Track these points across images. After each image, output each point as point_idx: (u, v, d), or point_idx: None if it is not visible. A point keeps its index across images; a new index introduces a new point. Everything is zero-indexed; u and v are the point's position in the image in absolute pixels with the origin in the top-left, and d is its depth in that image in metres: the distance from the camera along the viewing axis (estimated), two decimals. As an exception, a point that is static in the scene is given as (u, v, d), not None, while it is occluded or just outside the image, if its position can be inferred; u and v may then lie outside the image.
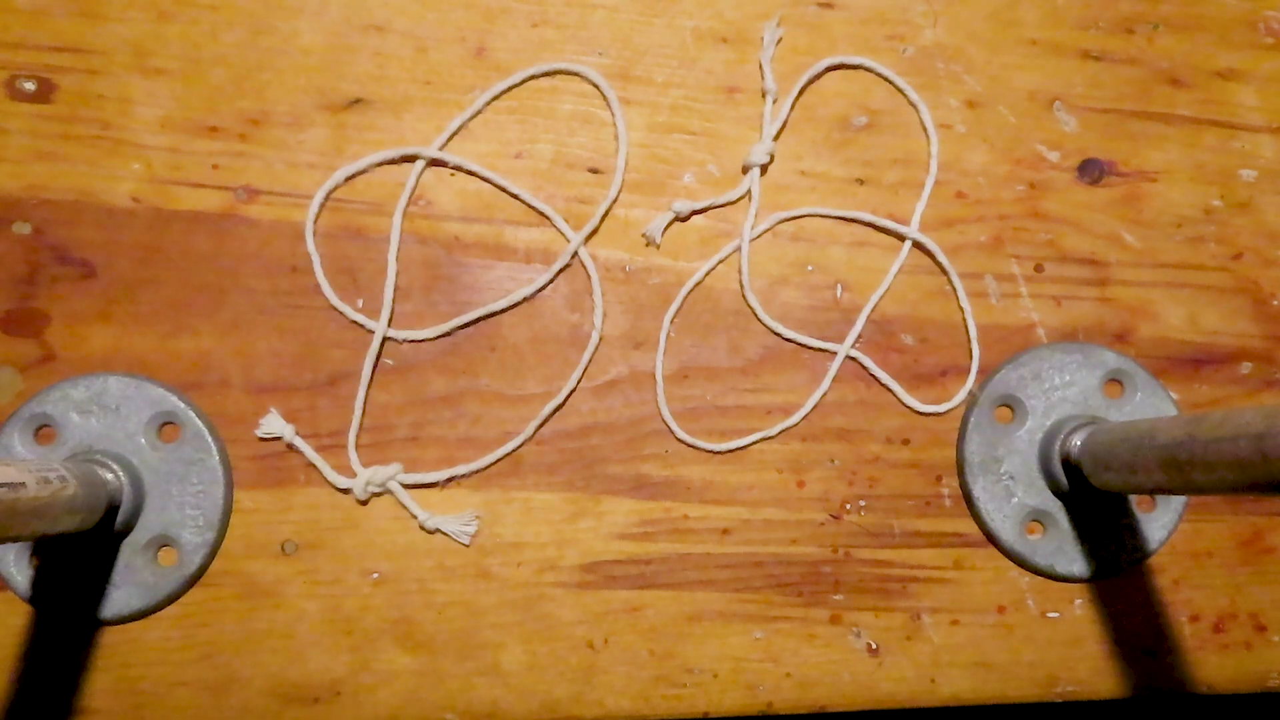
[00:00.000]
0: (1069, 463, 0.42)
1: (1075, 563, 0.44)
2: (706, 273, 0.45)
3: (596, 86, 0.45)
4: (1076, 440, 0.42)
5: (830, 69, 0.46)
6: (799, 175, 0.45)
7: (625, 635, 0.42)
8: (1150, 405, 0.45)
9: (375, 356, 0.43)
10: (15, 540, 0.34)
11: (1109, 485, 0.40)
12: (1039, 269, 0.46)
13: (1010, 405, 0.44)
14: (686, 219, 0.45)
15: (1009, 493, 0.44)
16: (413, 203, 0.44)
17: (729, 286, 0.45)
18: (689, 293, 0.44)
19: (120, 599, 0.41)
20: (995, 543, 0.44)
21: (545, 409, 0.43)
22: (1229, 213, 0.47)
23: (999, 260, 0.45)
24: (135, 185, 0.43)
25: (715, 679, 0.43)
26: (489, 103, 0.44)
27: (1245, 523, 0.45)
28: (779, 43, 0.46)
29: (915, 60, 0.46)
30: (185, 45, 0.43)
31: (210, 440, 0.41)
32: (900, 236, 0.45)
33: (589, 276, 0.44)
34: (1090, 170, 0.46)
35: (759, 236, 0.45)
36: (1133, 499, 0.44)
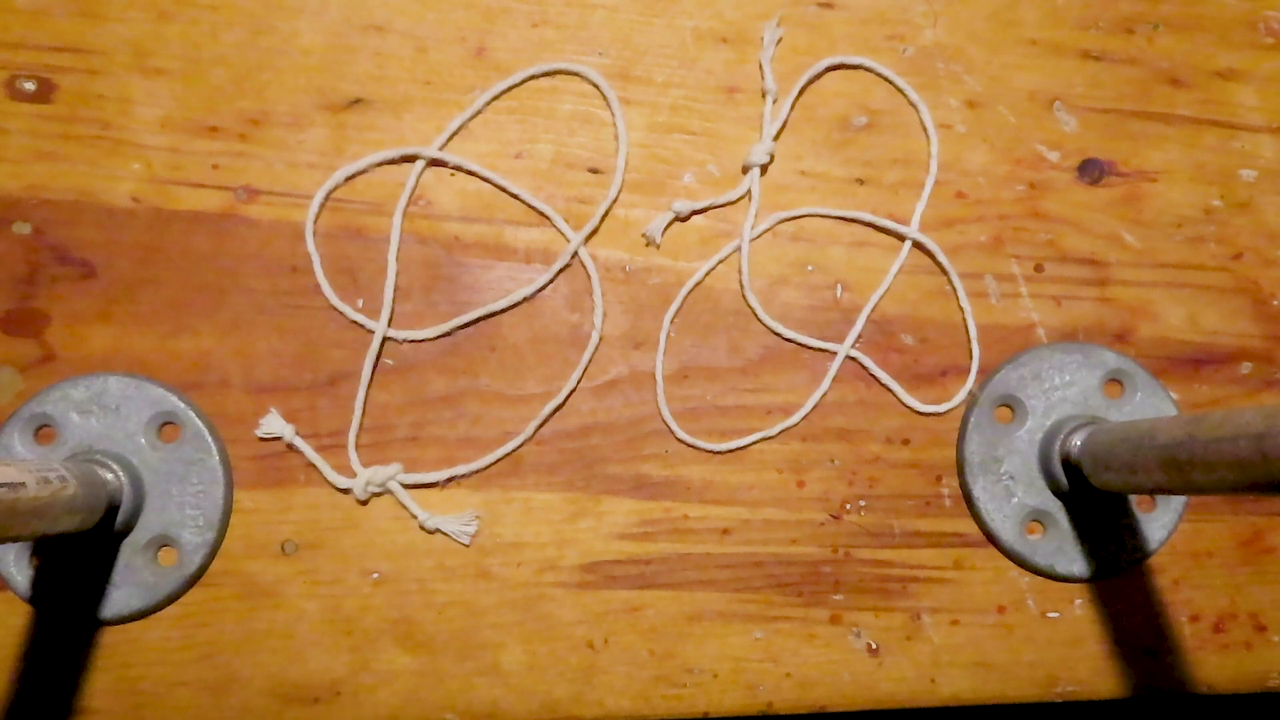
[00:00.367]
0: (1069, 463, 0.42)
1: (1075, 563, 0.44)
2: (706, 273, 0.45)
3: (596, 86, 0.45)
4: (1076, 440, 0.42)
5: (830, 69, 0.46)
6: (799, 175, 0.45)
7: (625, 635, 0.42)
8: (1150, 405, 0.45)
9: (375, 356, 0.43)
10: (15, 540, 0.34)
11: (1109, 485, 0.40)
12: (1039, 269, 0.46)
13: (1010, 405, 0.44)
14: (686, 219, 0.45)
15: (1009, 493, 0.44)
16: (413, 203, 0.44)
17: (729, 286, 0.45)
18: (689, 293, 0.44)
19: (120, 599, 0.41)
20: (995, 543, 0.44)
21: (545, 409, 0.43)
22: (1229, 213, 0.47)
23: (999, 260, 0.45)
24: (135, 185, 0.43)
25: (715, 679, 0.43)
26: (489, 103, 0.44)
27: (1245, 523, 0.45)
28: (779, 43, 0.46)
29: (915, 60, 0.46)
30: (185, 45, 0.43)
31: (210, 440, 0.41)
32: (900, 236, 0.45)
33: (589, 276, 0.44)
34: (1090, 170, 0.46)
35: (759, 236, 0.45)
36: (1133, 499, 0.44)
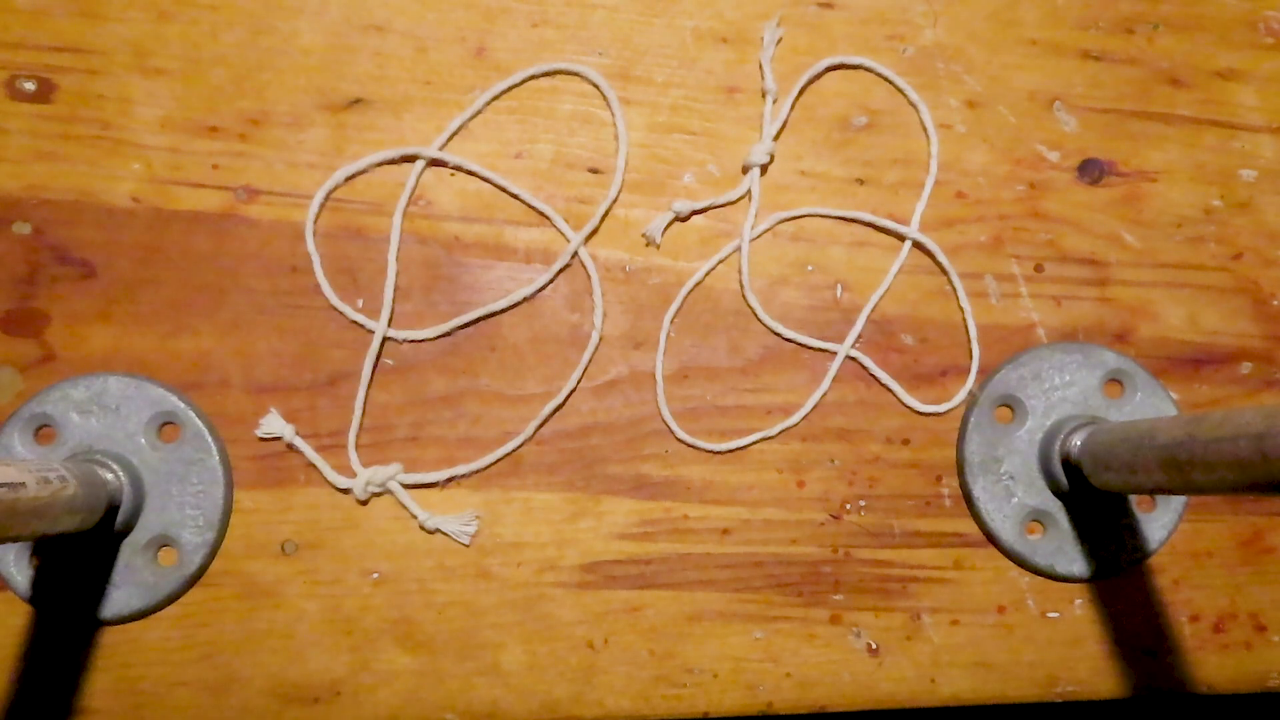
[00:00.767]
0: (1069, 463, 0.42)
1: (1075, 563, 0.44)
2: (706, 273, 0.45)
3: (596, 86, 0.45)
4: (1076, 440, 0.42)
5: (830, 69, 0.46)
6: (799, 175, 0.45)
7: (625, 635, 0.42)
8: (1150, 405, 0.45)
9: (375, 356, 0.43)
10: (15, 540, 0.34)
11: (1109, 485, 0.40)
12: (1039, 269, 0.45)
13: (1010, 405, 0.44)
14: (686, 219, 0.45)
15: (1009, 493, 0.44)
16: (413, 203, 0.44)
17: (729, 286, 0.45)
18: (689, 293, 0.44)
19: (120, 599, 0.41)
20: (995, 543, 0.44)
21: (545, 409, 0.43)
22: (1229, 213, 0.47)
23: (999, 260, 0.45)
24: (135, 185, 0.43)
25: (715, 679, 0.43)
26: (489, 103, 0.44)
27: (1245, 523, 0.45)
28: (779, 43, 0.46)
29: (915, 60, 0.46)
30: (185, 45, 0.43)
31: (210, 440, 0.41)
32: (900, 236, 0.45)
33: (589, 276, 0.44)
34: (1090, 170, 0.46)
35: (759, 236, 0.45)
36: (1133, 499, 0.44)
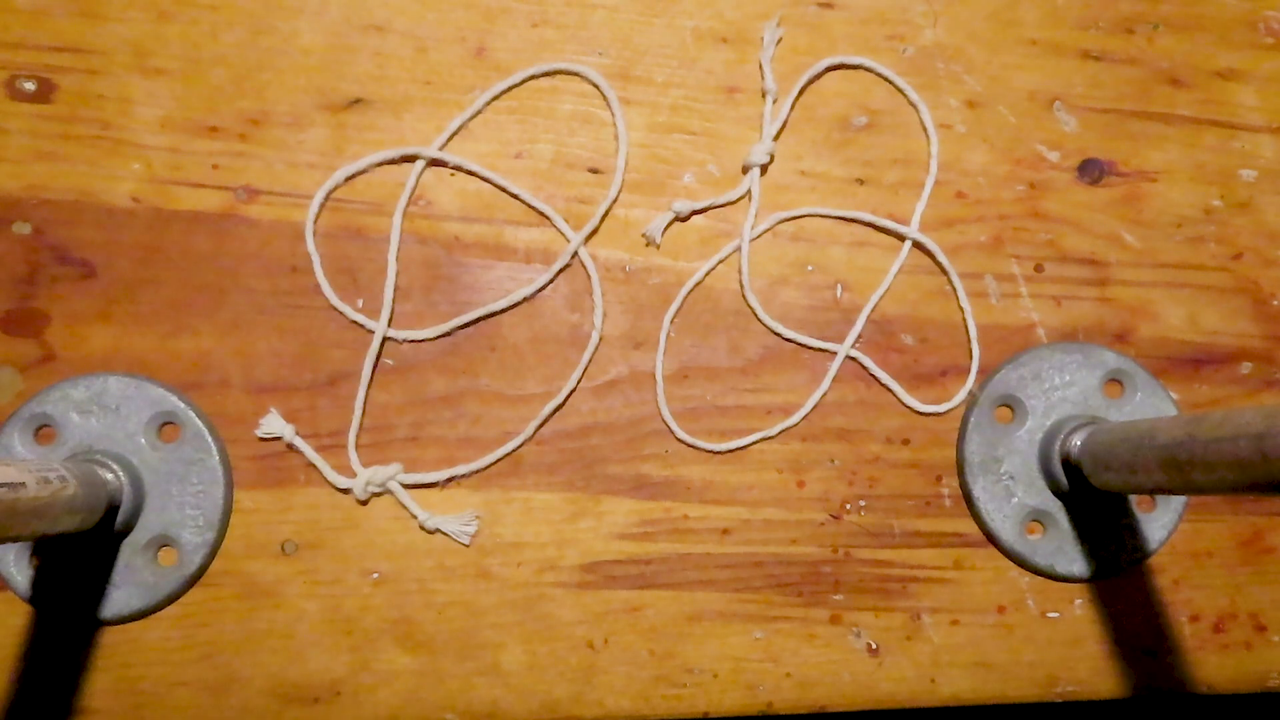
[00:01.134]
0: (1069, 463, 0.42)
1: (1075, 563, 0.44)
2: (706, 273, 0.45)
3: (596, 86, 0.45)
4: (1076, 440, 0.42)
5: (830, 69, 0.46)
6: (799, 175, 0.45)
7: (625, 635, 0.42)
8: (1150, 405, 0.45)
9: (375, 356, 0.43)
10: (15, 540, 0.34)
11: (1109, 485, 0.40)
12: (1039, 269, 0.45)
13: (1010, 405, 0.44)
14: (686, 219, 0.45)
15: (1009, 493, 0.44)
16: (413, 203, 0.44)
17: (729, 286, 0.45)
18: (689, 293, 0.44)
19: (120, 599, 0.41)
20: (995, 543, 0.44)
21: (545, 409, 0.43)
22: (1229, 213, 0.47)
23: (999, 260, 0.45)
24: (135, 185, 0.43)
25: (715, 679, 0.43)
26: (489, 103, 0.44)
27: (1245, 523, 0.45)
28: (779, 43, 0.46)
29: (915, 60, 0.46)
30: (185, 45, 0.43)
31: (210, 440, 0.41)
32: (900, 236, 0.45)
33: (589, 276, 0.44)
34: (1090, 170, 0.46)
35: (759, 236, 0.45)
36: (1133, 499, 0.44)
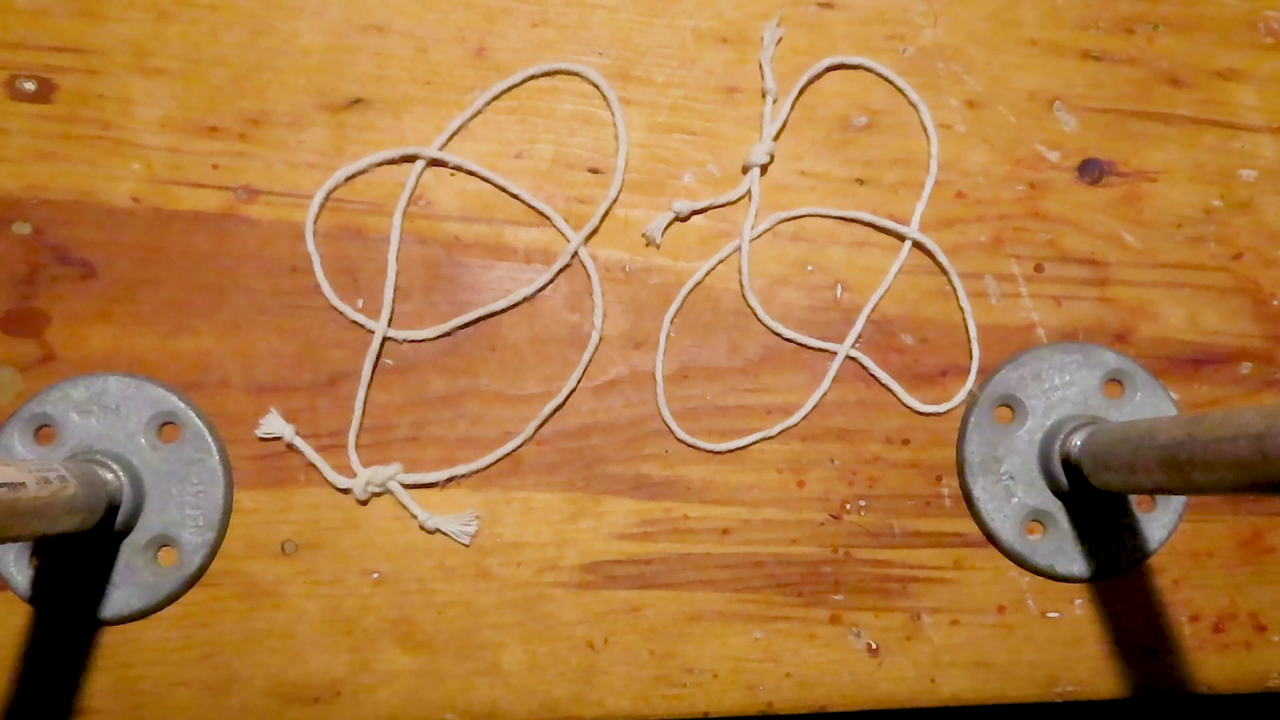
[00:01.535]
0: (1069, 463, 0.42)
1: (1075, 563, 0.44)
2: (706, 273, 0.45)
3: (596, 86, 0.45)
4: (1076, 440, 0.42)
5: (830, 69, 0.46)
6: (799, 175, 0.45)
7: (625, 635, 0.42)
8: (1150, 405, 0.45)
9: (375, 356, 0.43)
10: (15, 540, 0.34)
11: (1109, 485, 0.40)
12: (1039, 269, 0.45)
13: (1010, 405, 0.44)
14: (686, 219, 0.45)
15: (1009, 493, 0.44)
16: (413, 203, 0.44)
17: (729, 286, 0.45)
18: (689, 293, 0.44)
19: (120, 599, 0.41)
20: (995, 543, 0.44)
21: (545, 409, 0.43)
22: (1229, 213, 0.47)
23: (999, 260, 0.45)
24: (135, 185, 0.43)
25: (715, 679, 0.43)
26: (489, 103, 0.44)
27: (1245, 523, 0.45)
28: (779, 43, 0.46)
29: (915, 60, 0.46)
30: (185, 45, 0.43)
31: (210, 440, 0.41)
32: (900, 236, 0.45)
33: (589, 276, 0.44)
34: (1090, 170, 0.46)
35: (759, 236, 0.45)
36: (1133, 499, 0.44)
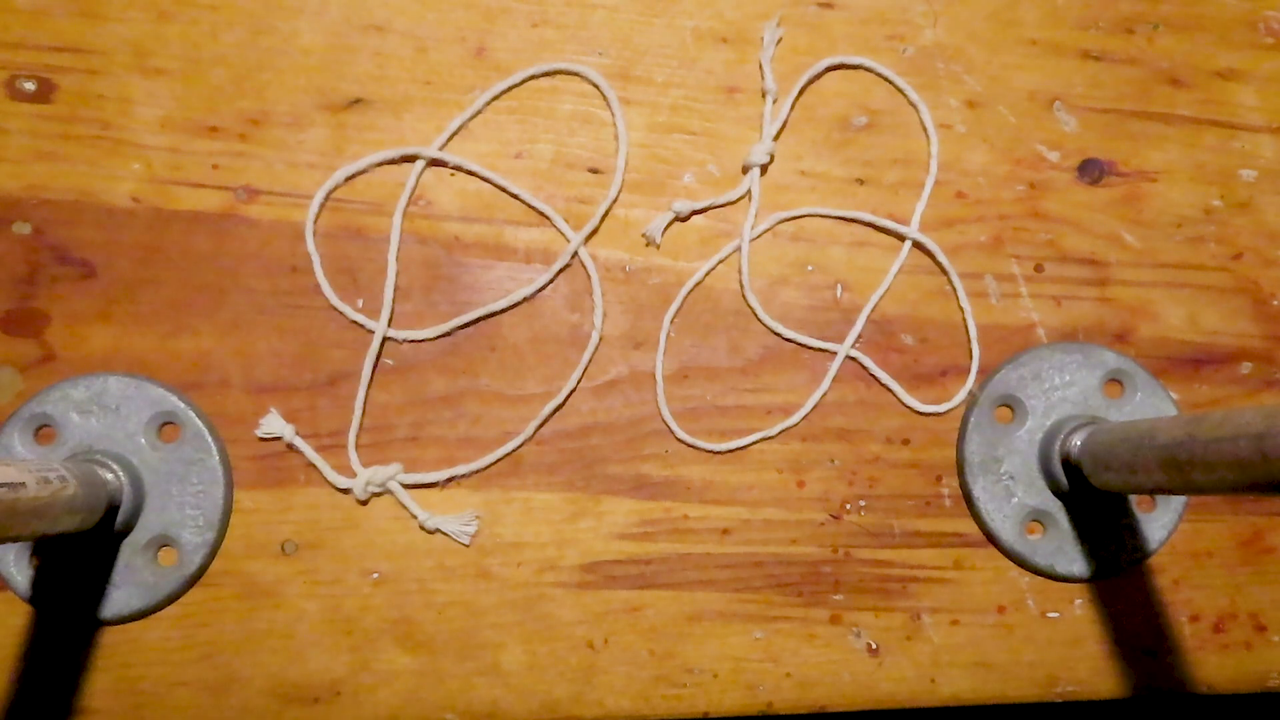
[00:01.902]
0: (1069, 463, 0.42)
1: (1075, 563, 0.44)
2: (706, 273, 0.45)
3: (596, 86, 0.45)
4: (1076, 440, 0.42)
5: (830, 69, 0.46)
6: (799, 175, 0.45)
7: (625, 635, 0.42)
8: (1150, 405, 0.45)
9: (375, 356, 0.43)
10: (15, 540, 0.34)
11: (1109, 485, 0.40)
12: (1039, 269, 0.45)
13: (1010, 405, 0.44)
14: (686, 219, 0.45)
15: (1009, 493, 0.44)
16: (413, 203, 0.44)
17: (729, 286, 0.45)
18: (689, 293, 0.44)
19: (120, 599, 0.41)
20: (995, 543, 0.44)
21: (545, 409, 0.43)
22: (1229, 213, 0.47)
23: (999, 260, 0.45)
24: (135, 185, 0.43)
25: (715, 679, 0.43)
26: (489, 103, 0.44)
27: (1245, 523, 0.45)
28: (779, 43, 0.46)
29: (915, 60, 0.46)
30: (185, 45, 0.43)
31: (210, 440, 0.41)
32: (900, 236, 0.45)
33: (589, 276, 0.44)
34: (1090, 170, 0.46)
35: (759, 236, 0.45)
36: (1133, 499, 0.44)
